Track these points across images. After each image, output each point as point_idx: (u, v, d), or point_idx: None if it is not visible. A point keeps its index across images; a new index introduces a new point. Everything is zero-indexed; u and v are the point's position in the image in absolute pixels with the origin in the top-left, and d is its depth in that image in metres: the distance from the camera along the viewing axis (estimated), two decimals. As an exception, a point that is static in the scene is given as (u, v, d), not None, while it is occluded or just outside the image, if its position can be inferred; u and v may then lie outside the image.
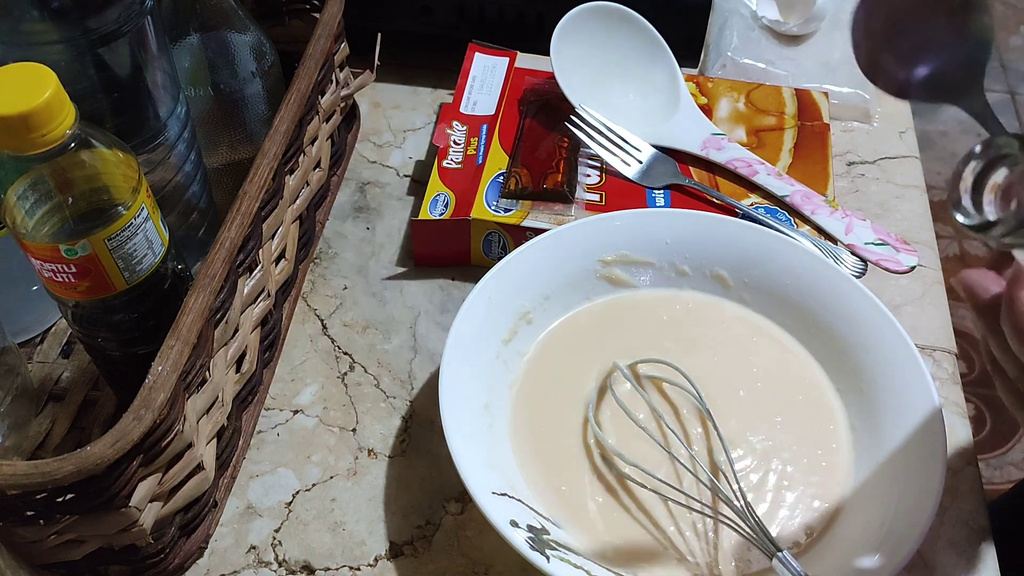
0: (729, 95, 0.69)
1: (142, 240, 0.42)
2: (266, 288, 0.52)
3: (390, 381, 0.56)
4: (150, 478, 0.42)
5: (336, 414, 0.55)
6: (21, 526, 0.40)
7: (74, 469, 0.37)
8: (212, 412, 0.47)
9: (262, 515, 0.50)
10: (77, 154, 0.39)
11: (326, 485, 0.52)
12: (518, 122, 0.66)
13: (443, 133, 0.65)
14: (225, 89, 0.56)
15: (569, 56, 0.65)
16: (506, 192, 0.61)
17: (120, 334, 0.46)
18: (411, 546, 0.49)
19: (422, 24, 0.73)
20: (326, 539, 0.49)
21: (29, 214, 0.40)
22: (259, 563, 0.48)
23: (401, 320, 0.59)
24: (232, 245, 0.46)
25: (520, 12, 0.72)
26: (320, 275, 0.62)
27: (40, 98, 0.36)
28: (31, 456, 0.50)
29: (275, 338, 0.56)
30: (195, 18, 0.54)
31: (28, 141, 0.37)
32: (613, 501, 0.48)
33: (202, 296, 0.43)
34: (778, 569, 0.42)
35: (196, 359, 0.43)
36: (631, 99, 0.67)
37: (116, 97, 0.47)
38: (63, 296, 0.43)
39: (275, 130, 0.52)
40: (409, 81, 0.75)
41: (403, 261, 0.63)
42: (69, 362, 0.55)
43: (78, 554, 0.43)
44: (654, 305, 0.56)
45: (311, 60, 0.56)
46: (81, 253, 0.41)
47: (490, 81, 0.69)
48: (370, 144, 0.71)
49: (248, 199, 0.48)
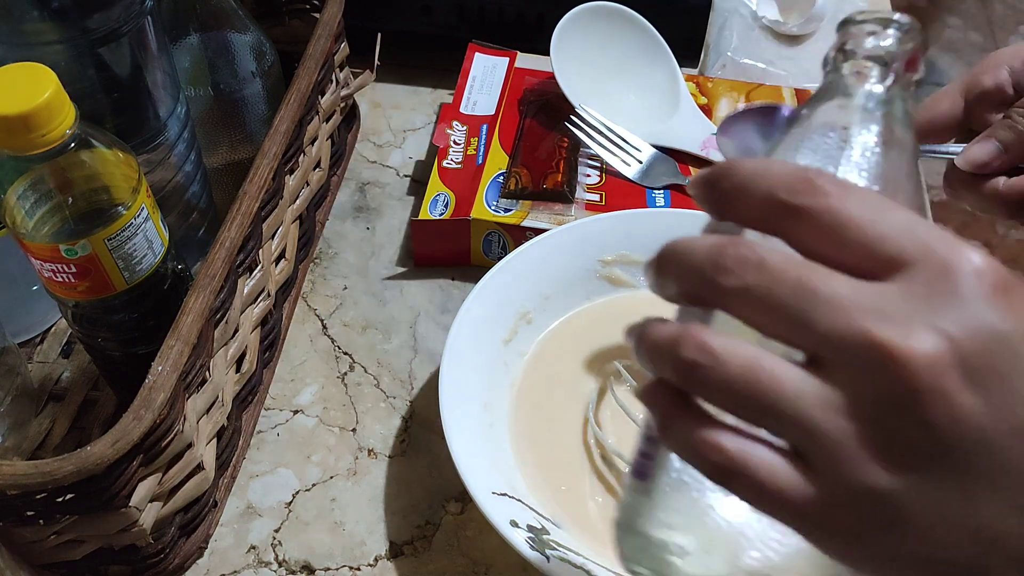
0: (729, 95, 0.69)
1: (142, 240, 0.42)
2: (266, 288, 0.52)
3: (390, 381, 0.56)
4: (150, 478, 0.42)
5: (336, 414, 0.55)
6: (21, 526, 0.40)
7: (74, 469, 0.37)
8: (212, 412, 0.47)
9: (262, 515, 0.50)
10: (77, 154, 0.39)
11: (326, 485, 0.52)
12: (518, 122, 0.66)
13: (443, 133, 0.65)
14: (225, 89, 0.56)
15: (569, 56, 0.65)
16: (506, 192, 0.61)
17: (120, 334, 0.46)
18: (411, 546, 0.49)
19: (422, 24, 0.73)
20: (326, 539, 0.49)
21: (29, 214, 0.40)
22: (259, 563, 0.48)
23: (401, 320, 0.59)
24: (232, 245, 0.46)
25: (520, 12, 0.72)
26: (320, 275, 0.62)
27: (40, 98, 0.36)
28: (31, 456, 0.50)
29: (275, 338, 0.56)
30: (195, 18, 0.54)
31: (28, 141, 0.37)
32: (613, 501, 0.48)
33: (202, 296, 0.43)
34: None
35: (196, 359, 0.43)
36: (631, 99, 0.67)
37: (116, 97, 0.47)
38: (63, 296, 0.43)
39: (275, 130, 0.52)
40: (409, 81, 0.75)
41: (403, 261, 0.63)
42: (69, 362, 0.55)
43: (78, 554, 0.43)
44: (654, 305, 0.56)
45: (311, 60, 0.56)
46: (81, 253, 0.41)
47: (490, 81, 0.69)
48: (370, 144, 0.71)
49: (248, 199, 0.48)
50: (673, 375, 0.24)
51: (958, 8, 2.05)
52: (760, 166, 0.24)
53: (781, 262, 0.23)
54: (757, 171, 0.24)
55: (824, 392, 0.22)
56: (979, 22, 2.02)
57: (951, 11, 2.05)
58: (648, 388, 0.25)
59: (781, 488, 0.22)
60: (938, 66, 1.93)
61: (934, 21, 2.03)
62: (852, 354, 0.21)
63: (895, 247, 0.22)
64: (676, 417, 0.24)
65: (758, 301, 0.22)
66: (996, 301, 0.21)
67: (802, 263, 0.23)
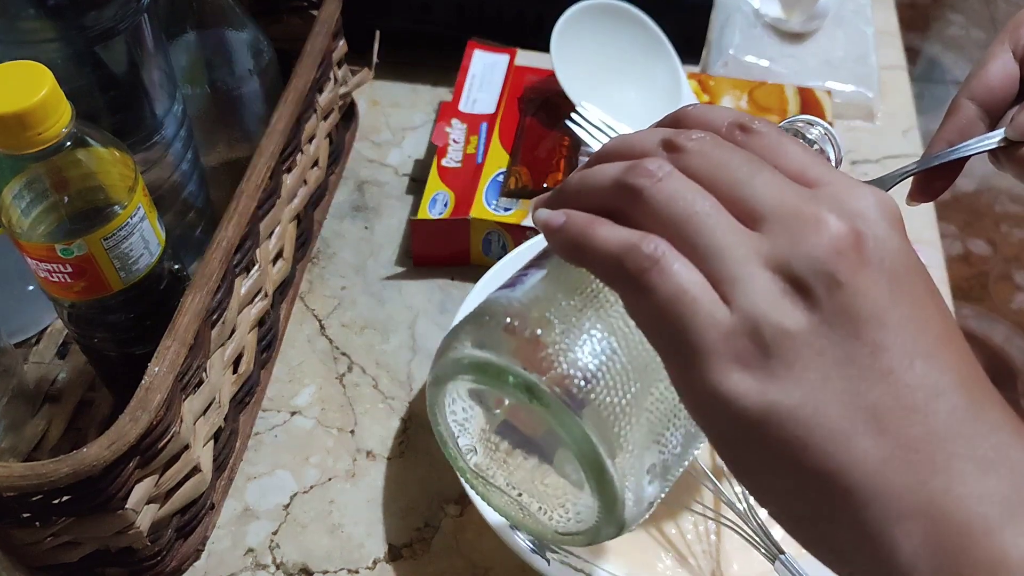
0: (731, 93, 0.68)
1: (138, 240, 0.42)
2: (263, 288, 0.52)
3: (389, 382, 0.56)
4: (147, 480, 0.41)
5: (334, 415, 0.54)
6: (17, 528, 0.40)
7: (70, 471, 0.37)
8: (209, 413, 0.47)
9: (259, 517, 0.50)
10: (73, 153, 0.39)
11: (324, 487, 0.51)
12: (518, 120, 0.66)
13: (442, 131, 0.65)
14: (222, 87, 0.56)
15: (570, 53, 0.65)
16: (506, 191, 0.60)
17: (116, 334, 0.46)
18: (410, 548, 0.49)
19: (421, 21, 0.73)
20: (324, 541, 0.49)
21: (25, 213, 0.40)
22: (257, 566, 0.48)
23: (400, 320, 0.59)
24: (229, 245, 0.46)
25: (520, 9, 0.71)
26: (318, 275, 0.62)
27: (36, 96, 0.36)
28: (27, 458, 0.50)
29: (272, 339, 0.55)
30: (192, 15, 0.53)
31: (24, 140, 0.37)
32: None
33: (199, 296, 0.43)
34: (780, 572, 0.42)
35: (193, 360, 0.43)
36: (632, 97, 0.67)
37: (112, 95, 0.46)
38: (59, 296, 0.43)
39: (273, 128, 0.51)
40: (408, 79, 0.75)
41: (402, 261, 0.62)
42: (65, 363, 0.54)
43: (74, 556, 0.43)
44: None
45: (309, 58, 0.56)
46: (77, 253, 0.40)
47: (490, 79, 0.69)
48: (369, 142, 0.70)
49: (245, 198, 0.48)
50: (613, 190, 0.26)
51: (961, 5, 2.05)
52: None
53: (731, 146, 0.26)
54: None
55: (753, 237, 0.24)
56: (982, 19, 2.01)
57: (954, 8, 2.04)
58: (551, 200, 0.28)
59: (696, 299, 0.23)
60: (942, 63, 1.93)
61: (938, 19, 2.02)
62: (786, 215, 0.24)
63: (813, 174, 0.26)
64: (596, 222, 0.26)
65: (711, 163, 0.25)
66: (900, 231, 0.25)
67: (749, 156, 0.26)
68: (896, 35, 0.80)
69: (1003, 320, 1.49)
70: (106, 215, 0.40)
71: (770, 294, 0.23)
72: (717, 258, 0.24)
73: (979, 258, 1.58)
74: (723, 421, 0.23)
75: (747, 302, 0.23)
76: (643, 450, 0.27)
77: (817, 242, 0.23)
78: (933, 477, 0.22)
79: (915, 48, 1.93)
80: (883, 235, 0.24)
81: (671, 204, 0.24)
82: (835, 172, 0.26)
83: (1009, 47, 0.37)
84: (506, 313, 0.28)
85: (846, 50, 0.74)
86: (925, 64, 1.92)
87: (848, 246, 0.23)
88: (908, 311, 0.23)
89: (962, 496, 0.22)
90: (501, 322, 0.28)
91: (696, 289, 0.23)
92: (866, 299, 0.23)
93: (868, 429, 0.22)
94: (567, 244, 0.26)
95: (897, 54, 0.78)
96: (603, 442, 0.26)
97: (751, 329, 0.23)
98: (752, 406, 0.23)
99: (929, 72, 1.91)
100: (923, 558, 0.22)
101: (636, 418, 0.27)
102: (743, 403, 0.23)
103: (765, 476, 0.24)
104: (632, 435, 0.27)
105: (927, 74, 1.90)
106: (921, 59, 1.93)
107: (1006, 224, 1.63)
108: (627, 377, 0.27)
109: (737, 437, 0.23)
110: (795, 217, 0.24)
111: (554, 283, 0.29)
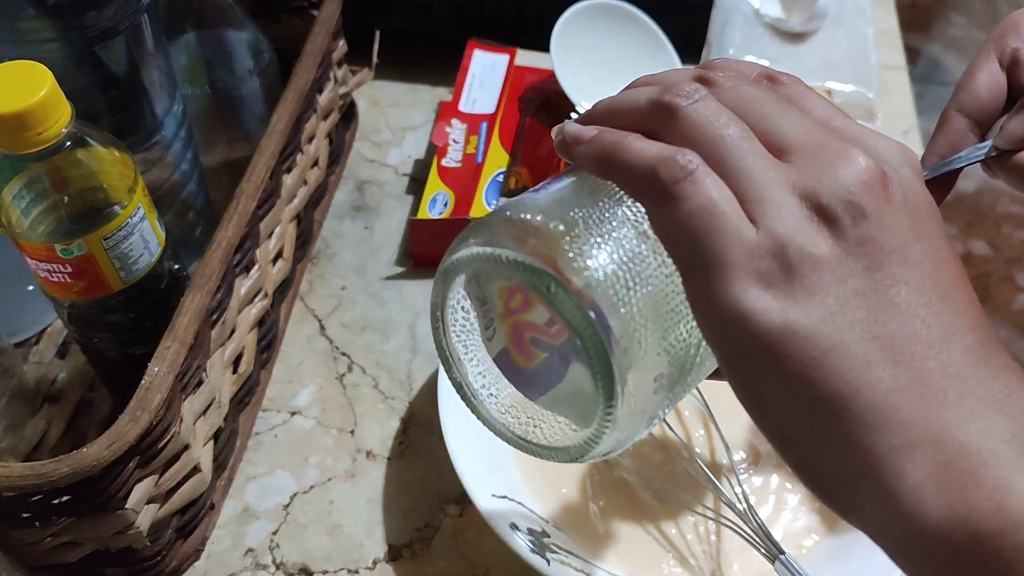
0: (731, 93, 0.68)
1: (138, 239, 0.42)
2: (263, 288, 0.52)
3: (389, 382, 0.56)
4: (146, 480, 0.41)
5: (334, 415, 0.54)
6: (17, 528, 0.40)
7: (70, 471, 0.37)
8: (209, 413, 0.47)
9: (259, 517, 0.50)
10: (73, 153, 0.39)
11: (324, 487, 0.51)
12: (518, 120, 0.66)
13: (442, 131, 0.65)
14: (222, 87, 0.56)
15: (570, 53, 0.65)
16: (506, 191, 0.60)
17: (116, 334, 0.46)
18: (410, 548, 0.49)
19: (421, 21, 0.73)
20: (324, 542, 0.49)
21: (24, 213, 0.40)
22: (256, 566, 0.48)
23: (400, 320, 0.59)
24: (229, 245, 0.45)
25: (520, 9, 0.71)
26: (318, 275, 0.62)
27: (36, 96, 0.36)
28: (27, 458, 0.50)
29: (272, 339, 0.55)
30: (192, 16, 0.53)
31: (23, 140, 0.37)
32: (614, 504, 0.48)
33: (199, 296, 0.43)
34: (780, 572, 0.42)
35: (193, 360, 0.43)
36: (632, 97, 0.67)
37: (112, 95, 0.46)
38: (59, 296, 0.43)
39: (272, 128, 0.51)
40: (408, 79, 0.75)
41: (402, 261, 0.62)
42: (65, 363, 0.54)
43: (74, 556, 0.43)
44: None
45: (309, 57, 0.56)
46: (77, 253, 0.40)
47: (490, 79, 0.69)
48: (368, 142, 0.70)
49: (245, 198, 0.48)
50: (648, 108, 0.26)
51: (963, 6, 2.05)
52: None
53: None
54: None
55: (782, 166, 0.25)
56: (984, 20, 2.01)
57: (956, 9, 2.04)
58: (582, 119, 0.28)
59: (725, 212, 0.24)
60: (943, 64, 1.93)
61: (939, 19, 2.02)
62: (815, 147, 0.25)
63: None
64: (630, 135, 0.26)
65: (743, 97, 0.26)
66: (921, 180, 0.26)
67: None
68: (896, 35, 0.80)
69: (1005, 322, 1.49)
70: (106, 215, 0.40)
71: (797, 219, 0.24)
72: (747, 179, 0.24)
73: (980, 259, 1.58)
74: (738, 338, 0.23)
75: (775, 223, 0.23)
76: (652, 355, 0.27)
77: (845, 173, 0.24)
78: (944, 410, 0.22)
79: (916, 48, 1.93)
80: (907, 178, 0.25)
81: (706, 124, 0.25)
82: (859, 125, 0.26)
83: (995, 56, 0.37)
84: (525, 209, 0.28)
85: (846, 50, 0.74)
86: (926, 64, 1.92)
87: (874, 179, 0.24)
88: (928, 250, 0.24)
89: (972, 431, 0.22)
90: (518, 216, 0.28)
91: (726, 204, 0.24)
92: (890, 232, 0.23)
93: (883, 358, 0.22)
94: (598, 154, 0.27)
95: (898, 54, 0.78)
96: (613, 323, 0.26)
97: (776, 250, 0.23)
98: (770, 323, 0.23)
99: (930, 73, 1.91)
100: (929, 487, 0.22)
101: (647, 325, 0.27)
102: (761, 319, 0.23)
103: (775, 398, 0.24)
104: (643, 337, 0.27)
105: (928, 74, 1.90)
106: (922, 59, 1.93)
107: (1007, 225, 1.63)
108: (643, 284, 0.27)
109: (751, 356, 0.24)
110: (823, 149, 0.24)
111: (575, 192, 0.29)
